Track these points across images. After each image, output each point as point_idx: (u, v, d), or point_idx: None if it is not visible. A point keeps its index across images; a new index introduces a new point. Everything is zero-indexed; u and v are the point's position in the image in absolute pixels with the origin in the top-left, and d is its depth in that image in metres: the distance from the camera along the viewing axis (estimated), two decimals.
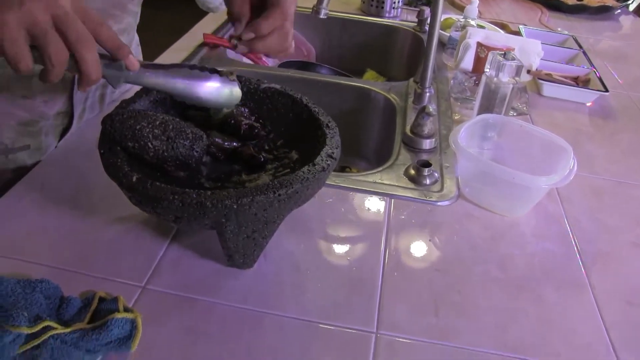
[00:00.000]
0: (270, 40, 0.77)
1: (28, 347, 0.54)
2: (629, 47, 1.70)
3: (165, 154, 0.64)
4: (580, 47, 1.51)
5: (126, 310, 0.60)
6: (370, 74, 1.62)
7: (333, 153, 0.65)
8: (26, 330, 0.54)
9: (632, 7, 2.18)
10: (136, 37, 1.05)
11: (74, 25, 0.54)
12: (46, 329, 0.55)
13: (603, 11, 1.93)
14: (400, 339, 0.62)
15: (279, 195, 0.57)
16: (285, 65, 1.47)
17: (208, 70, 0.68)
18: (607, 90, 1.23)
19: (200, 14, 1.60)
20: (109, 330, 0.56)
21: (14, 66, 0.54)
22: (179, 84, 0.66)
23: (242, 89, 0.72)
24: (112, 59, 0.59)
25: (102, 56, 0.58)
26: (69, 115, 0.90)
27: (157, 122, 0.64)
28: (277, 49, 0.79)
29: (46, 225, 0.73)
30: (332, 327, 0.63)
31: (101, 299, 0.61)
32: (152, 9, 1.04)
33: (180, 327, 0.61)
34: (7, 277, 0.61)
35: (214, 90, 0.68)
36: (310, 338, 0.61)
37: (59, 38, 0.54)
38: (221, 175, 0.67)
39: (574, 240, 0.81)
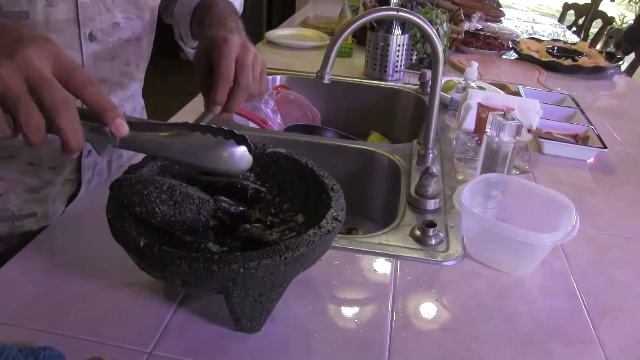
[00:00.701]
0: (235, 98, 0.75)
1: None
2: (624, 105, 1.74)
3: (173, 218, 0.65)
4: (578, 105, 1.54)
5: None
6: (374, 136, 1.65)
7: (338, 215, 0.66)
8: None
9: (623, 67, 2.24)
10: (141, 101, 1.08)
11: (49, 90, 0.50)
12: None
13: (597, 71, 1.99)
14: None
15: (285, 258, 0.58)
16: (290, 129, 1.50)
17: (212, 132, 0.60)
18: (605, 147, 1.25)
19: None
20: None
21: None
22: (177, 151, 0.60)
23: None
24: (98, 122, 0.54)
25: (89, 119, 0.54)
26: (77, 182, 0.92)
27: (165, 187, 0.65)
28: (249, 98, 0.77)
29: (52, 290, 0.73)
30: None
31: None
32: (159, 74, 1.07)
33: None
34: (9, 345, 0.60)
35: (219, 157, 0.61)
36: None
37: (33, 105, 0.50)
38: (228, 240, 0.68)
39: (581, 296, 0.80)
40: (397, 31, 1.70)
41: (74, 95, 0.53)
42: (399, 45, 1.72)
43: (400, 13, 1.02)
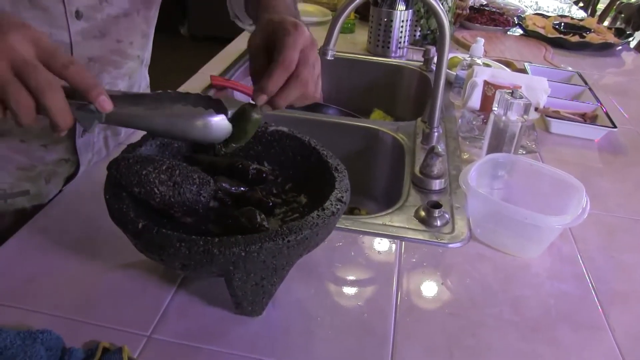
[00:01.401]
0: (288, 92, 0.66)
1: None
2: (632, 83, 1.70)
3: (172, 199, 0.63)
4: (586, 83, 1.51)
5: None
6: (377, 113, 1.63)
7: (342, 197, 0.64)
8: None
9: (633, 44, 2.20)
10: (147, 78, 1.05)
11: (34, 73, 0.52)
12: None
13: (605, 48, 1.95)
14: None
15: (288, 241, 0.56)
16: (292, 106, 1.47)
17: (192, 103, 0.63)
18: (615, 127, 1.23)
19: (208, 54, 1.62)
20: None
21: None
22: (160, 124, 0.62)
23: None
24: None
25: (75, 97, 0.56)
26: (75, 164, 0.90)
27: (164, 167, 0.63)
28: (300, 99, 0.68)
29: (50, 271, 0.71)
30: None
31: (105, 350, 0.59)
32: (159, 49, 1.04)
33: None
34: (6, 328, 0.59)
35: (198, 126, 0.62)
36: None
37: (21, 87, 0.52)
38: (229, 221, 0.66)
39: (590, 281, 0.79)
40: (401, 6, 1.66)
41: (57, 76, 0.54)
42: (402, 21, 1.68)
43: None
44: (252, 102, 0.65)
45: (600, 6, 3.56)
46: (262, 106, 0.65)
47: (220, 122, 0.63)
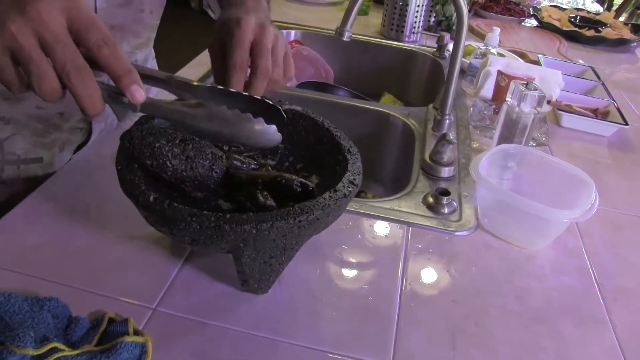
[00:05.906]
0: (254, 87, 0.65)
1: None
2: None
3: (184, 173, 0.62)
4: (599, 78, 1.50)
5: (136, 333, 0.58)
6: (387, 97, 1.62)
7: (355, 180, 0.63)
8: (31, 352, 0.52)
9: None
10: (152, 51, 1.04)
11: (61, 53, 0.47)
12: (52, 350, 0.53)
13: (621, 44, 1.93)
14: None
15: (300, 221, 0.56)
16: (303, 85, 1.46)
17: (240, 105, 0.57)
18: (627, 123, 1.22)
19: None
20: (117, 354, 0.55)
21: (9, 89, 0.49)
22: (201, 126, 0.56)
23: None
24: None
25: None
26: (87, 132, 0.90)
27: (177, 141, 0.63)
28: (270, 85, 0.67)
29: (57, 239, 0.72)
30: (347, 358, 0.61)
31: (111, 320, 0.60)
32: (169, 22, 1.03)
33: (191, 352, 0.59)
34: (15, 293, 0.59)
35: (245, 133, 0.57)
36: None
37: (46, 66, 0.47)
38: (239, 197, 0.66)
39: (594, 276, 0.79)
40: None
41: (89, 55, 0.49)
42: (418, 6, 1.66)
43: None
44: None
45: (617, 1, 3.52)
46: None
47: (270, 131, 0.58)
